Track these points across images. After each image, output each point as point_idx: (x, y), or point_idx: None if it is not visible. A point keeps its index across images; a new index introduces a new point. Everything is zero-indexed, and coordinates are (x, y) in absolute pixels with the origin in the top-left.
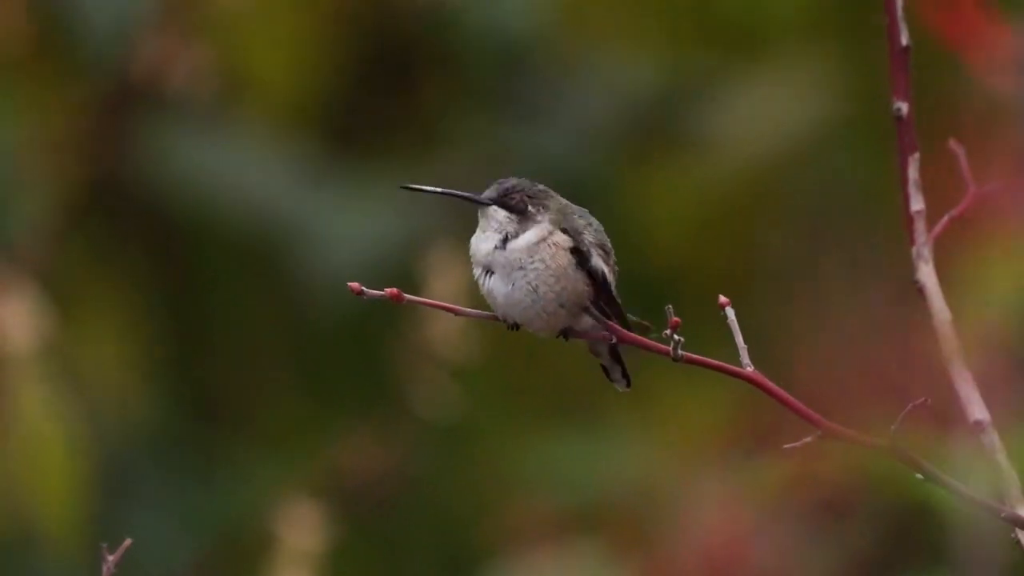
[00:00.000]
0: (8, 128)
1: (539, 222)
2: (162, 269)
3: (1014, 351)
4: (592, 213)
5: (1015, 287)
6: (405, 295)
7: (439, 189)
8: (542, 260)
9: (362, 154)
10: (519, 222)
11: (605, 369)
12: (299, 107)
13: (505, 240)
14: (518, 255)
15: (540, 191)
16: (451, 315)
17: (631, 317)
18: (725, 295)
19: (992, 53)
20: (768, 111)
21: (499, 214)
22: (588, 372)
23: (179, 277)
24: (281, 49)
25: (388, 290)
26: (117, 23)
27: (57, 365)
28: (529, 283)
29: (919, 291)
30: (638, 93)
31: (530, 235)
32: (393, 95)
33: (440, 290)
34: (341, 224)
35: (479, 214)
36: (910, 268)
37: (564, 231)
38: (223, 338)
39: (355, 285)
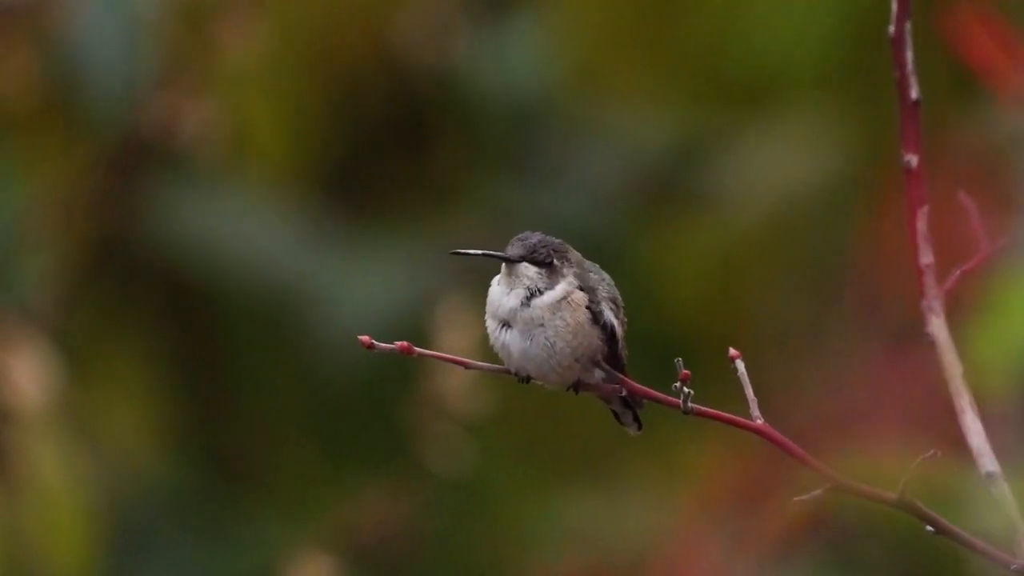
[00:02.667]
0: (16, 186)
1: (565, 275)
2: (174, 328)
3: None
4: (604, 269)
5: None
6: (415, 348)
7: (480, 251)
8: (562, 318)
9: (372, 214)
10: (548, 276)
11: (616, 414)
12: (306, 166)
13: (530, 297)
14: (540, 312)
15: (560, 243)
16: (463, 370)
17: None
18: (737, 350)
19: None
20: (779, 166)
21: (530, 271)
22: (602, 426)
23: (191, 336)
24: (288, 108)
25: (398, 343)
26: (124, 81)
27: (69, 423)
28: (547, 339)
29: (930, 344)
30: (649, 151)
31: (557, 291)
32: (404, 155)
33: (451, 345)
34: (351, 283)
35: (504, 270)
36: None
37: (581, 288)
38: (236, 396)
39: (366, 338)
